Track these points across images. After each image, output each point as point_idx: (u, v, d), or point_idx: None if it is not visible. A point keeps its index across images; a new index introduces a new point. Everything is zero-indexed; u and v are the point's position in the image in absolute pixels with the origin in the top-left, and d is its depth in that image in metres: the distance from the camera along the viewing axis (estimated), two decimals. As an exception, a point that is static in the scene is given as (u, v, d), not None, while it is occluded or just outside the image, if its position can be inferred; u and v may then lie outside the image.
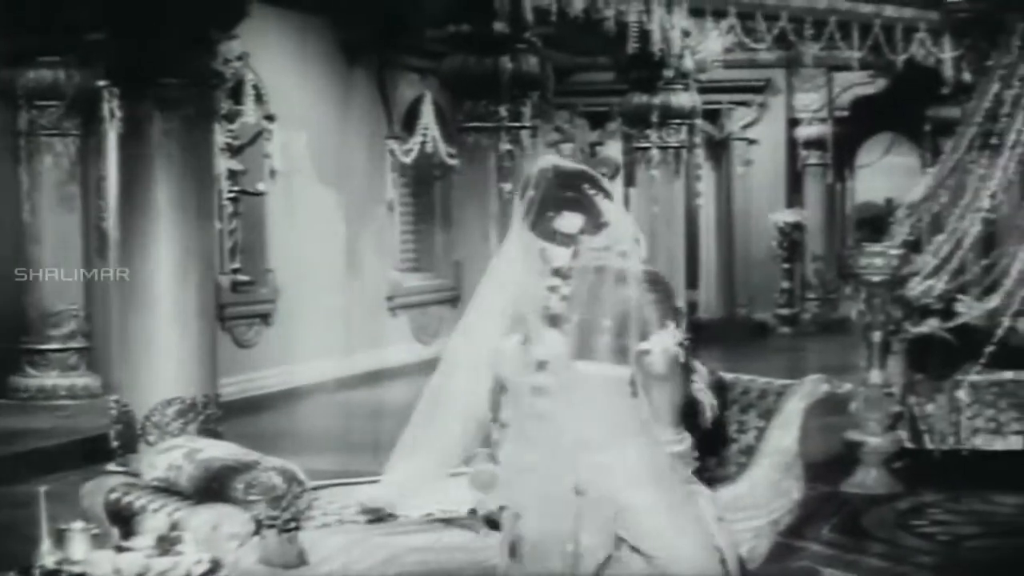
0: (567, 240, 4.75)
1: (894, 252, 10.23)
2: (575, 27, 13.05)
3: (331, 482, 5.79)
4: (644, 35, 13.41)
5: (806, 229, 21.09)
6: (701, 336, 17.23)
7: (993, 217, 11.60)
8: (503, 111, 11.51)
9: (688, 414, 5.20)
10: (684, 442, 5.01)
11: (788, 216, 20.85)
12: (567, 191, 4.77)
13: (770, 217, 20.86)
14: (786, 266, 21.14)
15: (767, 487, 6.01)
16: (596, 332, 4.68)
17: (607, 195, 4.84)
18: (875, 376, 9.85)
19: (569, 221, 4.75)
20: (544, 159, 4.89)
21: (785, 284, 21.23)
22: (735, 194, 20.91)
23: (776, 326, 21.04)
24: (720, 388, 6.44)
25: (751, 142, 20.81)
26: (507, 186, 11.51)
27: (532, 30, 11.72)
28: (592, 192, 4.80)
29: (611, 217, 4.80)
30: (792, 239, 21.00)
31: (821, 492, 8.66)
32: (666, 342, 4.74)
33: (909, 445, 10.03)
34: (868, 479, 9.70)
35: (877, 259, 10.07)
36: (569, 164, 4.94)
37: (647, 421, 4.79)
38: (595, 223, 4.76)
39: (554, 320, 4.71)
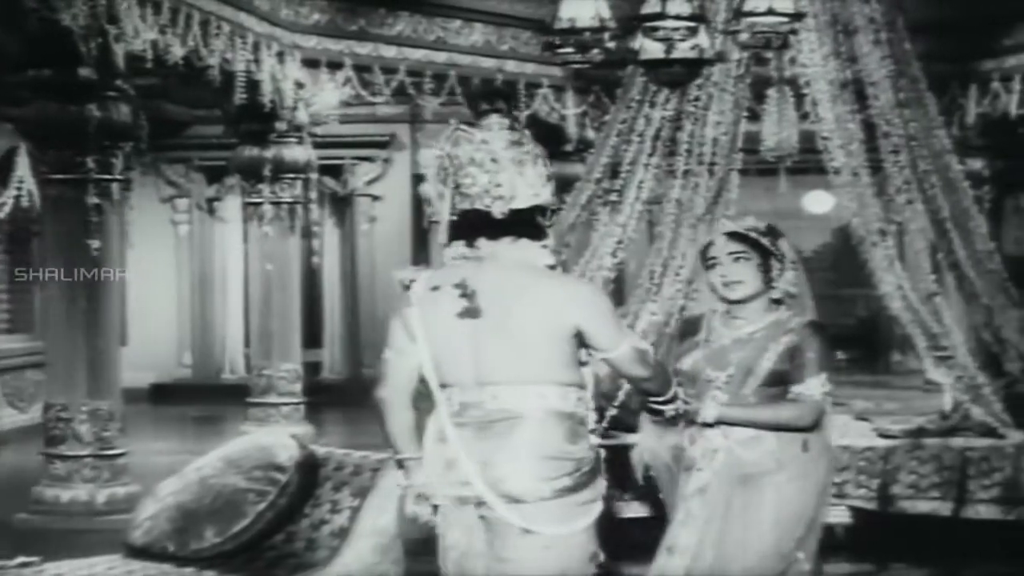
0: None
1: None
2: (178, 77, 12.41)
3: None
4: (253, 85, 12.86)
5: (430, 285, 20.71)
6: (325, 398, 16.67)
7: (615, 275, 11.40)
8: (90, 162, 10.62)
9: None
10: None
11: (413, 273, 20.36)
12: None
13: (394, 274, 20.33)
14: (414, 324, 20.71)
15: (362, 571, 5.66)
16: None
17: None
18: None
19: None
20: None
21: (412, 342, 20.81)
22: (359, 251, 20.38)
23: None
24: (311, 465, 6.04)
25: (375, 198, 20.35)
26: (94, 243, 10.61)
27: (128, 79, 10.88)
28: None
29: None
30: (417, 296, 20.59)
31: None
32: None
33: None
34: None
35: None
36: None
37: None
38: None
39: None
